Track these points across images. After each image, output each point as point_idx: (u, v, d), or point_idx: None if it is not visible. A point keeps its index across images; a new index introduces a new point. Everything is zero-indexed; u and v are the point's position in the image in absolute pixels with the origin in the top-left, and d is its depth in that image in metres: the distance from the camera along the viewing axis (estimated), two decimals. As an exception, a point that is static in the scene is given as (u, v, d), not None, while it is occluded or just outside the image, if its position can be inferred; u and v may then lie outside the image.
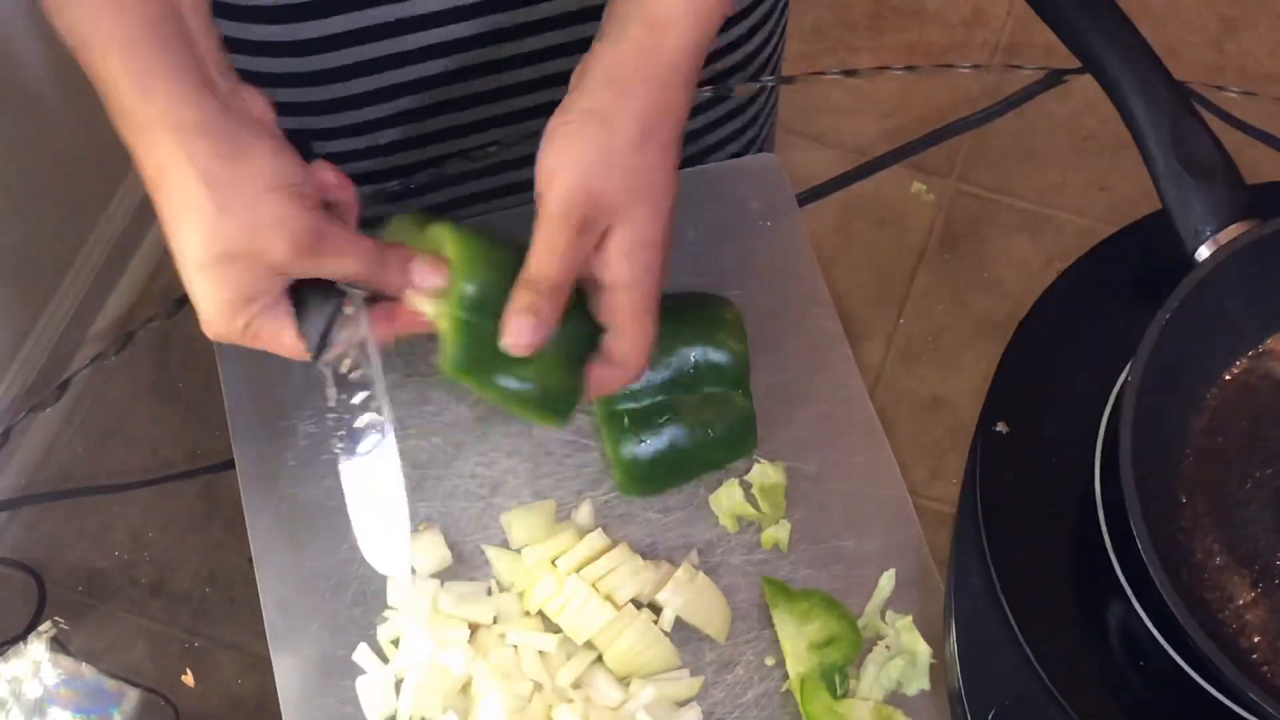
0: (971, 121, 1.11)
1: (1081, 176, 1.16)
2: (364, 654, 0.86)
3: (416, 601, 0.87)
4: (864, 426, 0.95)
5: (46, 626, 0.91)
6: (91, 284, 1.94)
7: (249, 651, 0.90)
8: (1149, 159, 0.78)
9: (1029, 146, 1.16)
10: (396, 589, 0.88)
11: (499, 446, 0.94)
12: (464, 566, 0.90)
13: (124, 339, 1.01)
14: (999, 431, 0.80)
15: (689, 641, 0.87)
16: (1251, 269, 0.75)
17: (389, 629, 0.87)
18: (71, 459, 1.02)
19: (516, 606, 0.87)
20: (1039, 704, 0.73)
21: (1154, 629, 0.72)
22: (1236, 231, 0.75)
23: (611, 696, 0.84)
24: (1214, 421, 0.78)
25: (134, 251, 2.00)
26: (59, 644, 0.91)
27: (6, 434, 0.98)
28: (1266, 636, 0.73)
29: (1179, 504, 0.76)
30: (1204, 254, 0.75)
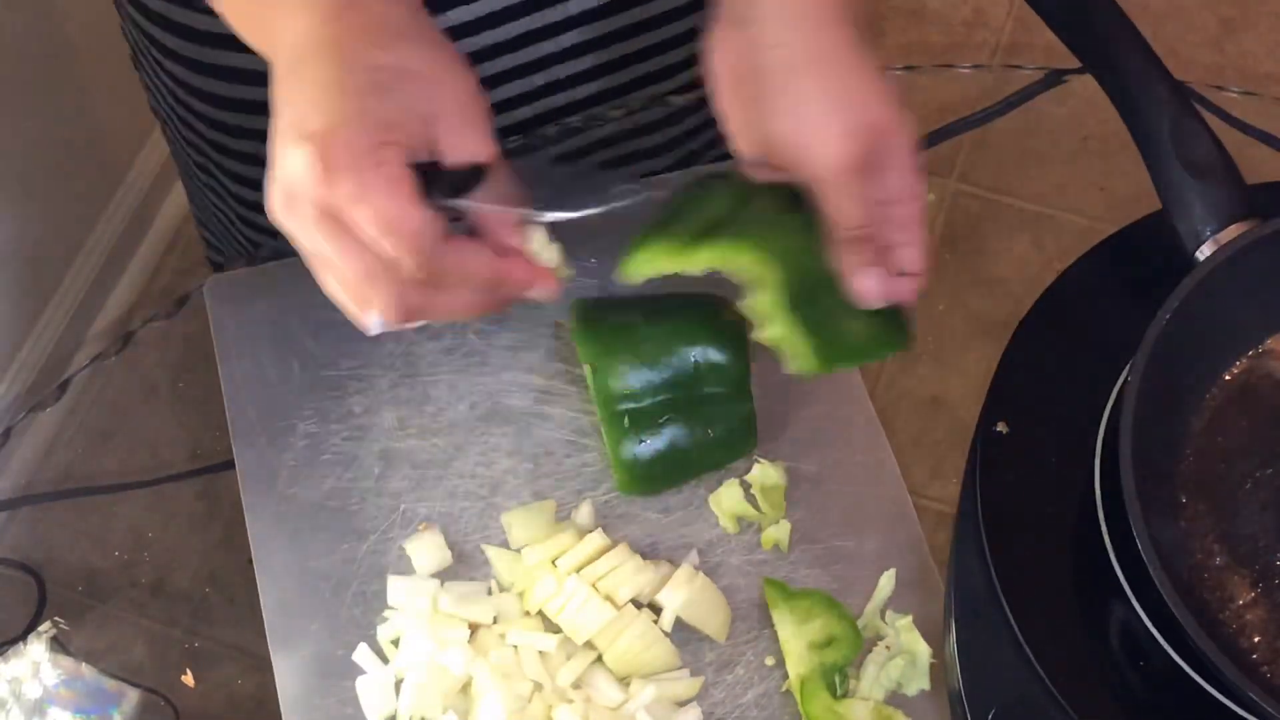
0: (971, 121, 1.11)
1: (1081, 176, 1.16)
2: (364, 654, 0.86)
3: (416, 601, 0.87)
4: (864, 426, 0.95)
5: (46, 627, 0.91)
6: (91, 284, 1.93)
7: (249, 651, 0.90)
8: (1149, 159, 0.78)
9: (1029, 146, 1.16)
10: (396, 589, 0.88)
11: (499, 446, 0.94)
12: (464, 566, 0.90)
13: (124, 339, 1.01)
14: (999, 431, 0.80)
15: (689, 641, 0.87)
16: (1251, 269, 0.75)
17: (389, 629, 0.87)
18: (71, 459, 1.01)
19: (516, 606, 0.87)
20: (1039, 704, 0.73)
21: (1154, 629, 0.72)
22: (1236, 231, 0.75)
23: (611, 696, 0.84)
24: (1214, 421, 0.78)
25: (134, 251, 2.00)
26: (59, 644, 0.91)
27: (6, 434, 0.98)
28: (1266, 636, 0.73)
29: (1179, 504, 0.76)
30: (1204, 254, 0.75)
